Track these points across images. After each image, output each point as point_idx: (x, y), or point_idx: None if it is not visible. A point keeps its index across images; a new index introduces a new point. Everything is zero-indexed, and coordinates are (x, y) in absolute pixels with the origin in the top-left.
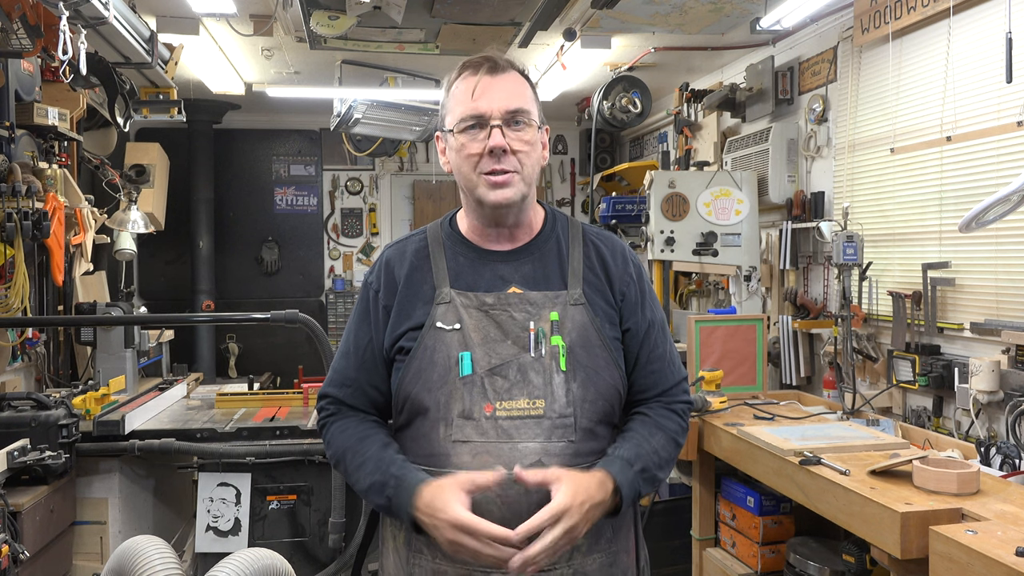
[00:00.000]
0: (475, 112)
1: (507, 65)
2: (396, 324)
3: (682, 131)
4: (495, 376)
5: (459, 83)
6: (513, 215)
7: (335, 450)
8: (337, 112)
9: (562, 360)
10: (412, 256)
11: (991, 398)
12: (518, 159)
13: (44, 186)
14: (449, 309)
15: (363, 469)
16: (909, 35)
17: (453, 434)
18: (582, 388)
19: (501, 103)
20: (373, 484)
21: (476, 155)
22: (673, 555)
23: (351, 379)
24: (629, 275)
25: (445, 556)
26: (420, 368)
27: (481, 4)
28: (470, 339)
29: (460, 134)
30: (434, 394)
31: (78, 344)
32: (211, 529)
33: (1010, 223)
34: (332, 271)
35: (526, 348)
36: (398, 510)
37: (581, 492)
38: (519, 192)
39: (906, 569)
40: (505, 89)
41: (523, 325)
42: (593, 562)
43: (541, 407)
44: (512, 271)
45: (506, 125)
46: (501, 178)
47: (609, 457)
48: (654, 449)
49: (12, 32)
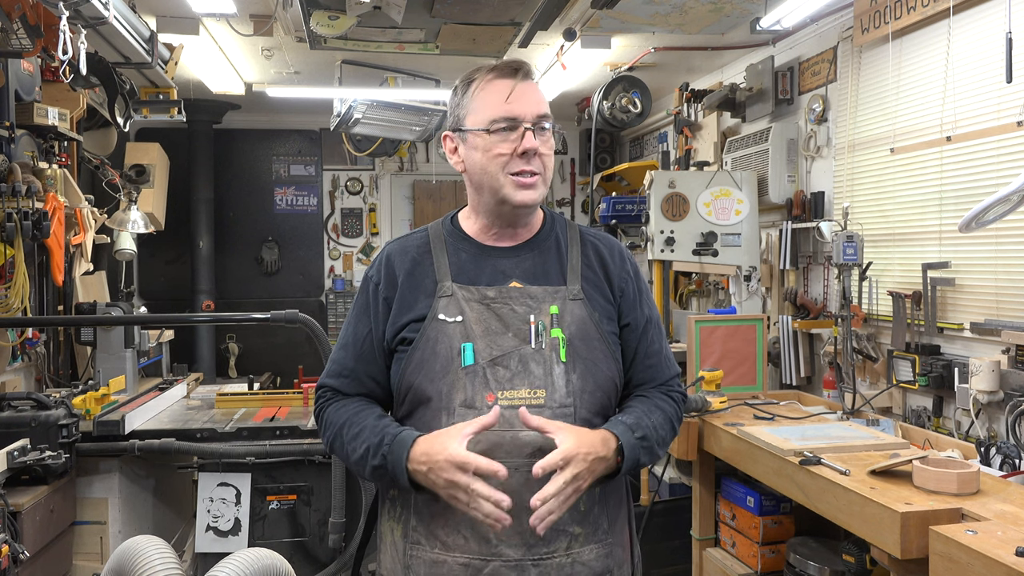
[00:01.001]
0: (510, 114)
1: (532, 72)
2: (397, 316)
3: (682, 131)
4: (497, 366)
5: (486, 85)
6: (529, 215)
7: (331, 427)
8: (337, 112)
9: (562, 351)
10: (414, 251)
11: (991, 398)
12: (543, 162)
13: (44, 186)
14: (451, 302)
15: (359, 438)
16: (909, 35)
17: (455, 423)
18: (581, 379)
19: (533, 108)
20: (369, 448)
21: (506, 155)
22: (673, 555)
23: (349, 369)
24: (627, 272)
25: (444, 545)
26: (423, 358)
27: (481, 4)
28: (472, 331)
29: (492, 135)
30: (436, 384)
31: (78, 344)
32: (211, 529)
33: (1010, 223)
34: (332, 271)
35: (527, 340)
36: (394, 467)
37: (585, 443)
38: (542, 193)
39: (906, 569)
40: (535, 95)
41: (524, 318)
42: (590, 551)
43: (542, 397)
44: (513, 266)
45: (534, 129)
46: (530, 180)
47: (612, 420)
48: (653, 425)
49: (12, 32)
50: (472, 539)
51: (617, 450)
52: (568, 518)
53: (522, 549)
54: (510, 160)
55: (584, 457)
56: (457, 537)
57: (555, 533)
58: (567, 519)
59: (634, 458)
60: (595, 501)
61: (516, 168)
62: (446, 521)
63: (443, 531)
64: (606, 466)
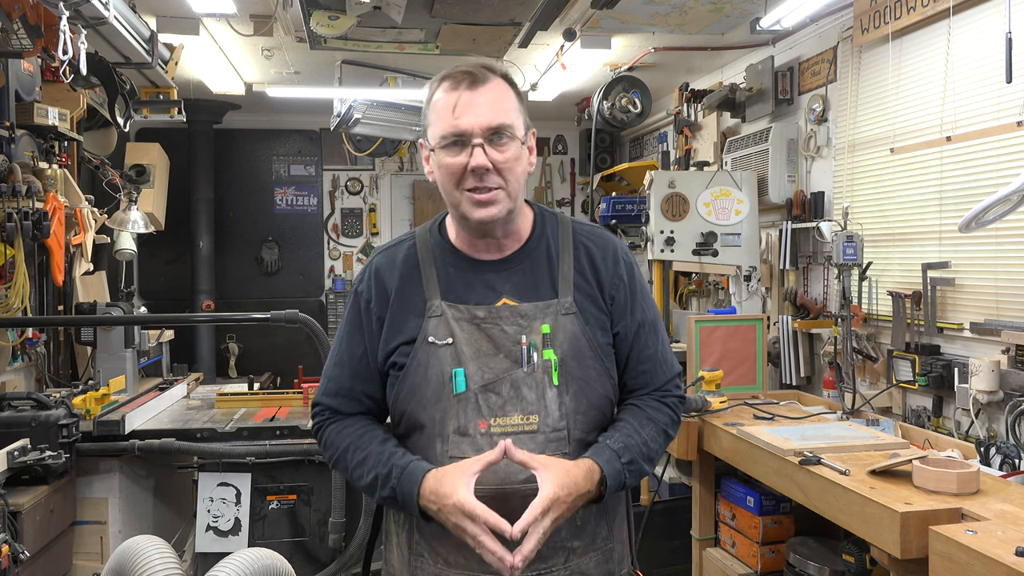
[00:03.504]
0: (456, 130)
1: (488, 75)
2: (388, 338)
3: (682, 131)
4: (489, 392)
5: (440, 96)
6: (500, 228)
7: (334, 450)
8: (337, 112)
9: (554, 375)
10: (401, 265)
11: (991, 398)
12: (502, 176)
13: (44, 186)
14: (441, 323)
15: (365, 465)
16: (909, 35)
17: (449, 450)
18: (575, 400)
19: (482, 120)
20: (377, 477)
21: (458, 173)
22: (673, 555)
23: (345, 389)
24: (619, 276)
25: (446, 562)
26: (414, 385)
27: (481, 4)
28: (463, 354)
29: (441, 151)
30: (429, 411)
31: (78, 344)
32: (211, 529)
33: (1010, 223)
34: (332, 271)
35: (518, 362)
36: (404, 500)
37: (568, 483)
38: (504, 208)
39: (906, 569)
40: (486, 104)
41: (514, 339)
42: (590, 560)
43: (535, 422)
44: (502, 281)
45: (488, 142)
46: (485, 196)
47: (599, 446)
48: (644, 440)
49: (12, 32)
50: (472, 558)
51: (600, 481)
52: (566, 533)
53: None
54: (462, 177)
55: (565, 499)
56: (458, 556)
57: (553, 549)
58: (565, 535)
59: (618, 485)
60: (591, 513)
61: (470, 185)
62: (446, 541)
63: (444, 549)
64: (587, 499)
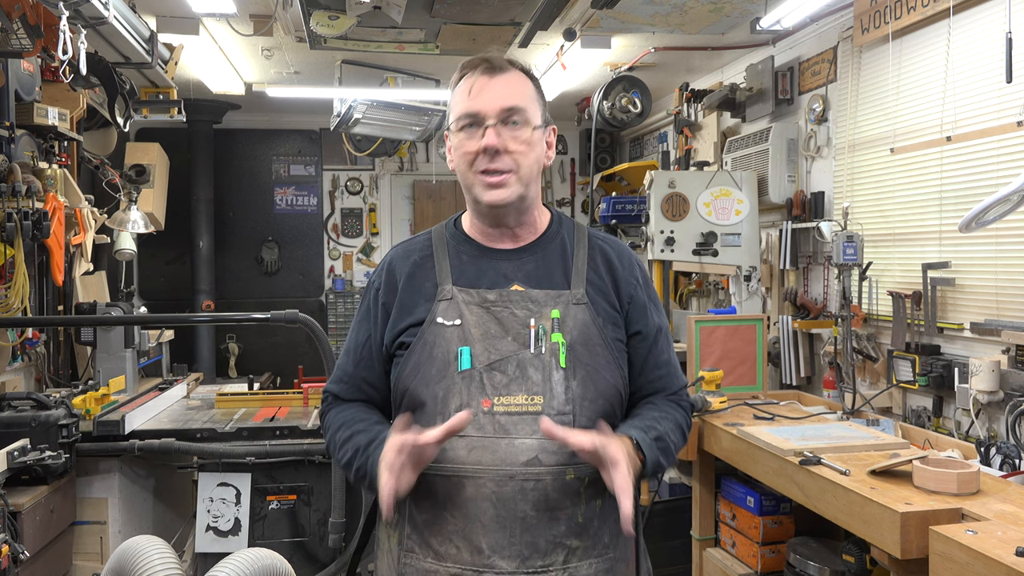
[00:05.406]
0: (470, 111)
1: (507, 65)
2: (397, 320)
3: (682, 131)
4: (494, 371)
5: (459, 83)
6: (513, 215)
7: (327, 433)
8: (337, 112)
9: (562, 357)
10: (416, 255)
11: (991, 398)
12: (514, 159)
13: (44, 186)
14: (450, 305)
15: (348, 443)
16: (909, 35)
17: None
18: (582, 386)
19: (496, 102)
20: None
21: (472, 154)
22: (673, 555)
23: (348, 375)
24: (636, 279)
25: (437, 554)
26: (419, 362)
27: (481, 4)
28: (470, 334)
29: (457, 133)
30: (432, 388)
31: (78, 344)
32: (211, 529)
33: (1010, 223)
34: (332, 271)
35: (526, 344)
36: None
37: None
38: (515, 192)
39: (906, 569)
40: (502, 88)
41: (524, 322)
42: (589, 566)
43: (539, 403)
44: (515, 269)
45: (502, 124)
46: (496, 179)
47: (623, 427)
48: (666, 430)
49: (12, 32)
50: (464, 549)
51: (635, 447)
52: (565, 530)
53: (516, 561)
54: (476, 158)
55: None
56: (449, 547)
57: (552, 545)
58: (564, 531)
59: (654, 458)
60: (595, 514)
61: (482, 166)
62: (439, 530)
63: (436, 540)
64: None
